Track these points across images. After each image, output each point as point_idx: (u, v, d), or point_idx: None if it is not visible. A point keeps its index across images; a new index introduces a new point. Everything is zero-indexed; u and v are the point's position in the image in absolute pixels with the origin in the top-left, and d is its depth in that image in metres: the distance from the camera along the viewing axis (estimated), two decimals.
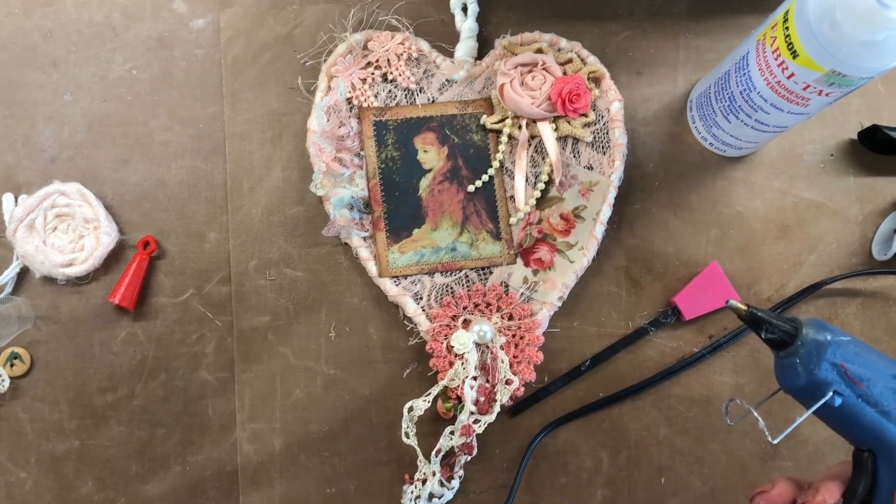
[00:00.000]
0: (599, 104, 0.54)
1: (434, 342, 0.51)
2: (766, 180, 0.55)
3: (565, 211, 0.53)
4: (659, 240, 0.54)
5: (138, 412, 0.52)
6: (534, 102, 0.53)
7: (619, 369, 0.53)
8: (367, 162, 0.53)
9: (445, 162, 0.54)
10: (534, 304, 0.52)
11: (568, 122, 0.53)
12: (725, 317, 0.54)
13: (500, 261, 0.53)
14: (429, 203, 0.53)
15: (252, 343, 0.53)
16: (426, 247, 0.53)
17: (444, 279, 0.53)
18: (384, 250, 0.52)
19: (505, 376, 0.50)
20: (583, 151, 0.54)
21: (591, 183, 0.53)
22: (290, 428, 0.52)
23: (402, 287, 0.52)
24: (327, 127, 0.52)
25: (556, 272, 0.52)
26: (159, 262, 0.53)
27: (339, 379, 0.52)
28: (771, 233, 0.55)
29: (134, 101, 0.55)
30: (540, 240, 0.53)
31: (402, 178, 0.53)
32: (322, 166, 0.52)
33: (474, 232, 0.53)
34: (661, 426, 0.53)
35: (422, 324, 0.51)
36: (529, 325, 0.51)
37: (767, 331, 0.36)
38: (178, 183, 0.54)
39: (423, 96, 0.55)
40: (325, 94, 0.53)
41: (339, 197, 0.51)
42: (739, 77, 0.47)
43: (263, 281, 0.53)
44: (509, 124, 0.54)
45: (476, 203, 0.53)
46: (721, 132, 0.52)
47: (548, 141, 0.53)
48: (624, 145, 0.53)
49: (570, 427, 0.52)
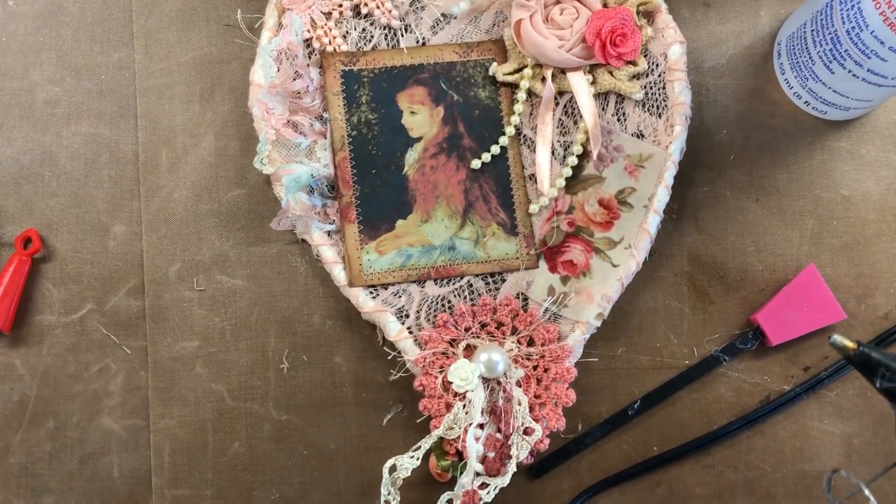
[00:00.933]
0: (653, 48, 0.54)
1: (425, 376, 0.50)
2: (881, 153, 0.55)
3: (606, 195, 0.52)
4: (734, 235, 0.54)
5: (16, 473, 0.52)
6: (562, 45, 0.52)
7: (680, 414, 0.53)
8: (332, 128, 0.53)
9: (441, 127, 0.53)
10: (563, 323, 0.52)
11: (610, 72, 0.53)
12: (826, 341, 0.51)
13: (516, 264, 0.52)
14: (418, 184, 0.53)
15: (174, 378, 0.52)
16: (414, 245, 0.52)
17: (439, 289, 0.52)
18: (356, 250, 0.52)
19: (523, 424, 0.49)
20: (630, 113, 0.53)
21: (641, 157, 0.52)
22: (227, 495, 0.52)
23: (382, 301, 0.52)
24: (277, 79, 0.51)
25: (593, 280, 0.52)
26: (45, 265, 0.53)
27: (295, 427, 0.52)
28: (889, 225, 0.55)
29: (9, 44, 0.54)
30: (571, 235, 0.53)
31: (381, 149, 0.53)
32: (270, 133, 0.51)
33: (481, 224, 0.53)
34: (739, 493, 0.52)
35: (408, 351, 0.51)
36: (557, 352, 0.51)
37: (885, 377, 0.37)
38: (70, 157, 0.54)
39: (410, 37, 0.55)
40: (275, 33, 0.53)
41: (294, 176, 0.50)
42: (846, 10, 0.47)
43: (189, 292, 0.53)
44: (529, 76, 0.53)
45: (483, 184, 0.53)
46: (821, 86, 0.52)
47: (582, 99, 0.52)
48: (687, 105, 0.52)
49: (613, 494, 0.52)
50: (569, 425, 0.51)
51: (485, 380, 0.50)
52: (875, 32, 0.45)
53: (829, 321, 0.52)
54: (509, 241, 0.53)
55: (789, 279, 0.53)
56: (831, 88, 0.51)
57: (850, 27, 0.46)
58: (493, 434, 0.49)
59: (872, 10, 0.45)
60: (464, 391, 0.49)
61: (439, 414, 0.50)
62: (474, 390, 0.49)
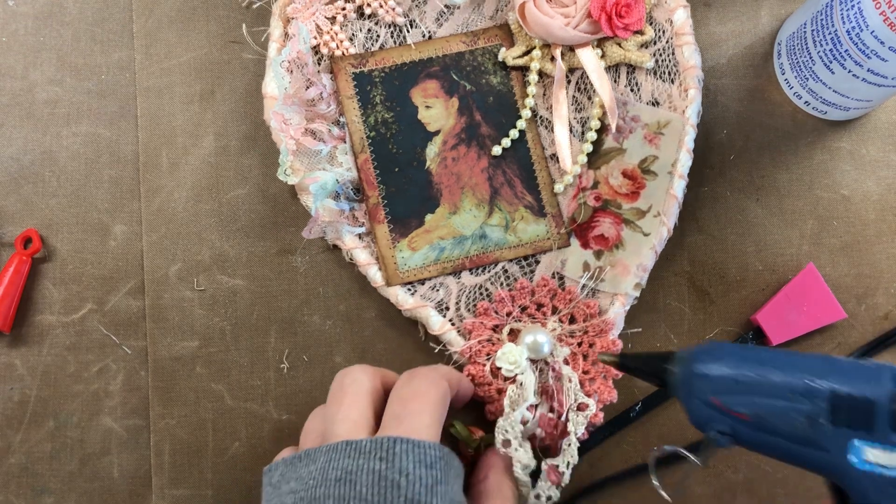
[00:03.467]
0: (657, 15, 0.54)
1: (473, 366, 0.51)
2: (881, 153, 0.55)
3: (629, 166, 0.53)
4: (734, 235, 0.54)
5: (16, 473, 0.51)
6: (568, 23, 0.52)
7: (680, 414, 0.53)
8: (350, 131, 0.53)
9: (457, 119, 0.54)
10: (602, 298, 0.52)
11: (618, 43, 0.53)
12: (827, 340, 0.53)
13: (548, 245, 0.53)
14: (441, 178, 0.53)
15: (174, 378, 0.52)
16: (445, 238, 0.53)
17: (476, 278, 0.53)
18: (389, 249, 0.52)
19: (576, 400, 0.49)
20: (643, 82, 0.54)
21: (659, 124, 0.53)
22: (227, 495, 0.52)
23: (420, 296, 0.52)
24: (291, 89, 0.51)
25: (626, 251, 0.52)
26: (45, 265, 0.53)
27: (295, 427, 0.52)
28: (889, 225, 0.54)
29: (9, 44, 0.54)
30: (599, 209, 0.53)
31: (401, 147, 0.53)
32: (290, 144, 0.51)
33: (508, 210, 0.53)
34: (739, 493, 0.52)
35: (454, 342, 0.51)
36: (600, 326, 0.51)
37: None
38: (71, 157, 0.54)
39: (416, 32, 0.55)
40: (282, 44, 0.53)
41: (320, 184, 0.50)
42: (846, 10, 0.47)
43: (189, 292, 0.53)
44: (538, 57, 0.53)
45: (506, 170, 0.53)
46: (821, 86, 0.52)
47: (593, 73, 0.52)
48: (698, 67, 0.52)
49: (614, 496, 0.52)
50: None
51: (533, 361, 0.50)
52: (875, 32, 0.45)
53: (830, 320, 0.51)
54: (538, 223, 0.53)
55: (789, 279, 0.53)
56: (831, 88, 0.51)
57: (851, 27, 0.46)
58: (546, 413, 0.49)
59: (872, 10, 0.44)
60: (514, 375, 0.49)
61: (492, 400, 0.50)
62: (524, 373, 0.49)
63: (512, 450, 0.47)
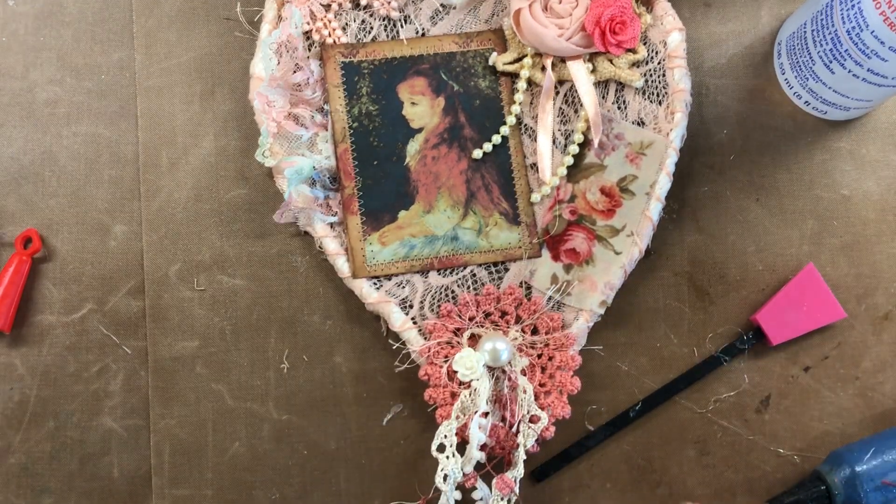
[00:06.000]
0: (652, 35, 0.54)
1: (430, 366, 0.50)
2: (881, 153, 0.55)
3: (608, 183, 0.53)
4: (735, 235, 0.54)
5: (16, 473, 0.51)
6: (562, 34, 0.52)
7: (680, 414, 0.53)
8: (333, 120, 0.53)
9: (442, 118, 0.54)
10: (567, 312, 0.52)
11: (610, 60, 0.53)
12: (827, 340, 0.53)
13: (518, 253, 0.53)
14: (420, 175, 0.53)
15: (174, 378, 0.52)
16: (417, 235, 0.53)
17: (443, 279, 0.53)
18: (359, 241, 0.52)
19: (529, 412, 0.49)
20: (631, 101, 0.53)
21: (642, 144, 0.52)
22: (227, 495, 0.52)
23: (385, 292, 0.52)
24: (278, 72, 0.51)
25: (596, 268, 0.52)
26: (45, 265, 0.53)
27: (295, 427, 0.52)
28: (889, 225, 0.55)
29: (9, 44, 0.54)
30: (574, 223, 0.53)
31: (382, 141, 0.53)
32: (271, 126, 0.51)
33: (483, 214, 0.53)
34: (739, 493, 0.52)
35: (413, 341, 0.51)
36: (561, 340, 0.51)
37: None
38: (71, 157, 0.54)
39: (410, 28, 0.55)
40: (274, 26, 0.53)
41: (296, 168, 0.50)
42: (846, 10, 0.46)
43: (189, 292, 0.53)
44: (529, 65, 0.53)
45: (485, 174, 0.53)
46: (821, 86, 0.52)
47: (582, 87, 0.52)
48: (687, 91, 0.52)
49: (614, 494, 0.52)
50: (571, 428, 0.52)
51: (490, 369, 0.50)
52: (875, 32, 0.45)
53: (830, 320, 0.52)
54: (512, 231, 0.53)
55: (789, 279, 0.53)
56: (831, 88, 0.51)
57: (851, 27, 0.46)
58: (497, 423, 0.49)
59: (872, 10, 0.44)
60: (469, 380, 0.49)
61: (444, 403, 0.50)
62: (479, 379, 0.49)
63: (443, 456, 0.47)
